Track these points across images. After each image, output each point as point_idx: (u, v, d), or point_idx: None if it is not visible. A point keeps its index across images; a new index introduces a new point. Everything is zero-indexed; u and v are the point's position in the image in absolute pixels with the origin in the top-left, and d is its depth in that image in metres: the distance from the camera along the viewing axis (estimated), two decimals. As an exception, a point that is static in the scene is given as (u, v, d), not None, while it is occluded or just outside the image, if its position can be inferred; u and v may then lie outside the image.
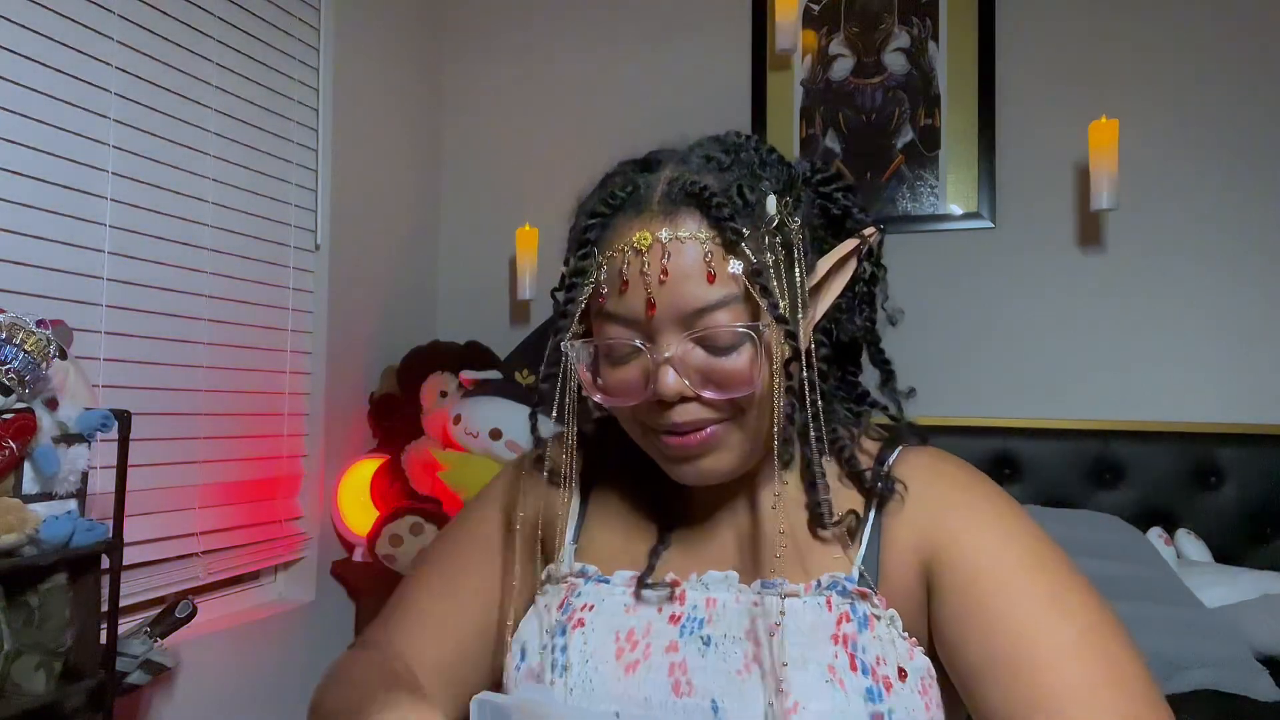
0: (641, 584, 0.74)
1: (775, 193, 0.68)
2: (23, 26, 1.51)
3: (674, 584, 0.73)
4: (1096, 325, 2.20)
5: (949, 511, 0.70)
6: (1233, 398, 2.09)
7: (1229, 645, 1.60)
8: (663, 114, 2.54)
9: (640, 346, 0.67)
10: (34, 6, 1.53)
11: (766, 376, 0.67)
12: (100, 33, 1.64)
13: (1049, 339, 2.23)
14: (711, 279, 0.65)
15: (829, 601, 0.68)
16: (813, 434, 0.69)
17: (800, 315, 0.68)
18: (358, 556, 2.25)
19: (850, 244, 0.74)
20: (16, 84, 1.50)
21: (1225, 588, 1.76)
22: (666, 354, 0.66)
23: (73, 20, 1.59)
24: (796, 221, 0.68)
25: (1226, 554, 1.95)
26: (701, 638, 0.70)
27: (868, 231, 0.75)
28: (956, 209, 2.31)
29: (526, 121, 2.71)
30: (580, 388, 0.73)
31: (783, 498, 0.74)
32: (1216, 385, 2.11)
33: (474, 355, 2.40)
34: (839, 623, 0.67)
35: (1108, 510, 1.98)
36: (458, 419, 2.17)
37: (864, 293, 0.78)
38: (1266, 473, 1.98)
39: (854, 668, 0.65)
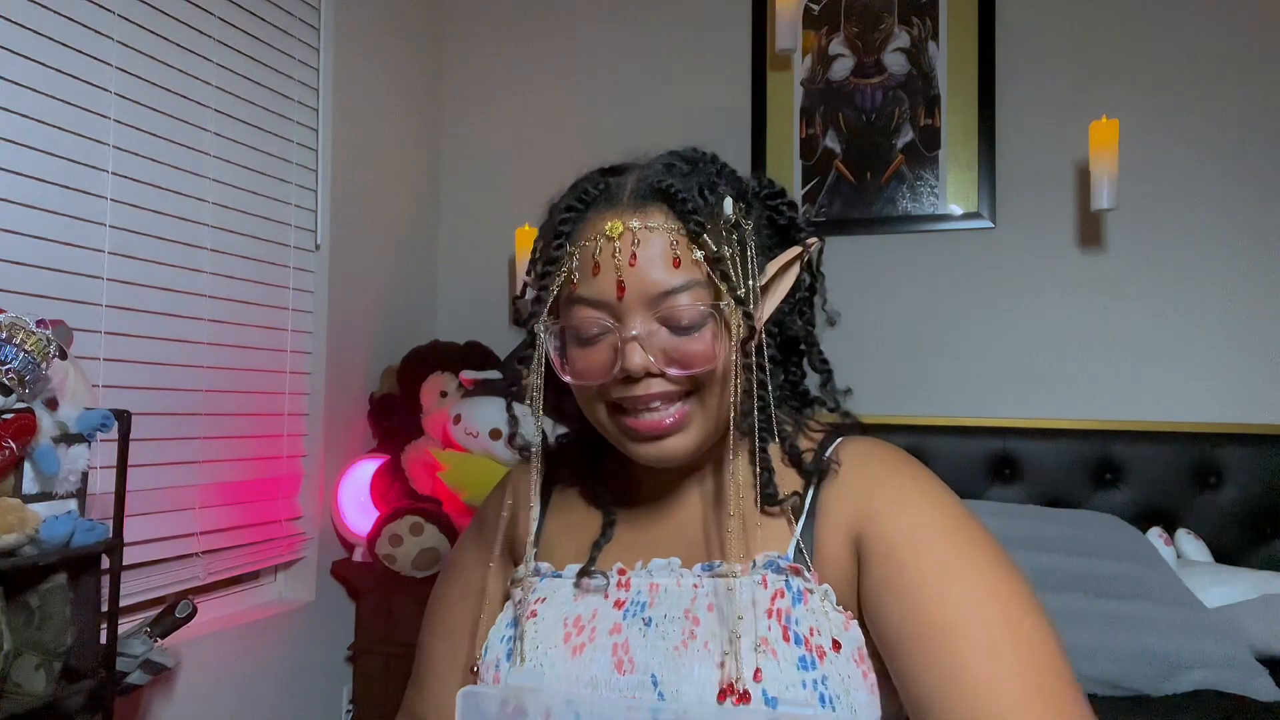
0: (582, 575, 0.80)
1: (730, 197, 0.75)
2: (23, 26, 1.51)
3: (621, 572, 0.80)
4: (1096, 325, 2.20)
5: (877, 488, 0.75)
6: (1233, 398, 2.09)
7: (1229, 645, 1.60)
8: (663, 114, 2.54)
9: (609, 326, 0.74)
10: (34, 6, 1.52)
11: (725, 354, 0.73)
12: (100, 33, 1.64)
13: (1049, 339, 2.23)
14: (677, 264, 0.73)
15: (764, 579, 0.73)
16: (757, 412, 0.75)
17: (753, 305, 0.74)
18: (358, 556, 2.25)
19: (794, 250, 0.81)
20: (16, 84, 1.50)
21: (1225, 588, 1.76)
22: (634, 332, 0.73)
23: (73, 20, 1.59)
24: (749, 224, 0.76)
25: (1226, 554, 1.95)
26: (643, 619, 0.75)
27: (810, 241, 0.82)
28: (956, 209, 2.31)
29: (526, 122, 2.71)
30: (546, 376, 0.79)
31: (732, 480, 0.78)
32: (1216, 385, 2.11)
33: (474, 355, 2.40)
34: (774, 598, 0.72)
35: (1108, 510, 1.98)
36: (458, 419, 2.17)
37: (804, 298, 0.85)
38: (1266, 473, 1.98)
39: (786, 638, 0.70)
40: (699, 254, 0.73)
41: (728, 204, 0.74)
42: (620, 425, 0.77)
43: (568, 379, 0.77)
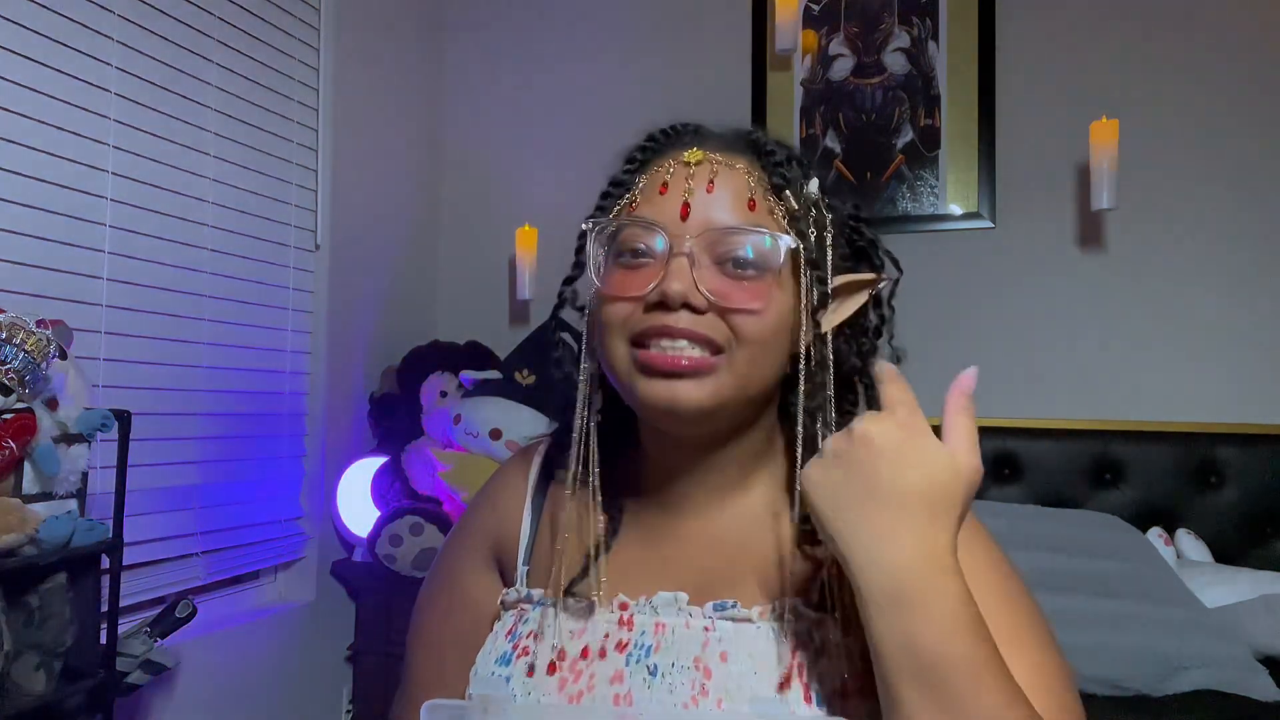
0: (566, 593, 0.72)
1: (818, 180, 0.71)
2: (23, 26, 1.51)
3: (623, 607, 0.71)
4: (1096, 325, 2.20)
5: None
6: (1233, 398, 2.09)
7: (1229, 645, 1.60)
8: (663, 114, 2.50)
9: (657, 248, 0.67)
10: (34, 6, 1.52)
11: (777, 311, 0.67)
12: (100, 33, 1.64)
13: (1049, 339, 2.23)
14: (752, 206, 0.68)
15: (784, 629, 0.67)
16: (803, 411, 0.68)
17: (828, 278, 0.69)
18: (358, 556, 2.25)
19: (868, 275, 0.73)
20: (16, 84, 1.50)
21: (1225, 588, 1.76)
22: (686, 250, 0.66)
23: (73, 20, 1.59)
24: (829, 216, 0.70)
25: (1226, 554, 1.95)
26: (648, 667, 0.67)
27: (885, 274, 0.75)
28: (956, 209, 2.31)
29: (526, 121, 2.71)
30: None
31: (752, 512, 0.73)
32: (1216, 385, 2.11)
33: (474, 355, 2.40)
34: (794, 652, 0.66)
35: (1108, 510, 1.98)
36: (458, 419, 2.17)
37: (869, 329, 0.76)
38: (1266, 473, 1.98)
39: (807, 699, 0.64)
40: (777, 205, 0.68)
41: (814, 183, 0.70)
42: (635, 359, 0.68)
43: (600, 291, 0.70)
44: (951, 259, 2.30)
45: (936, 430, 0.63)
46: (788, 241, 0.67)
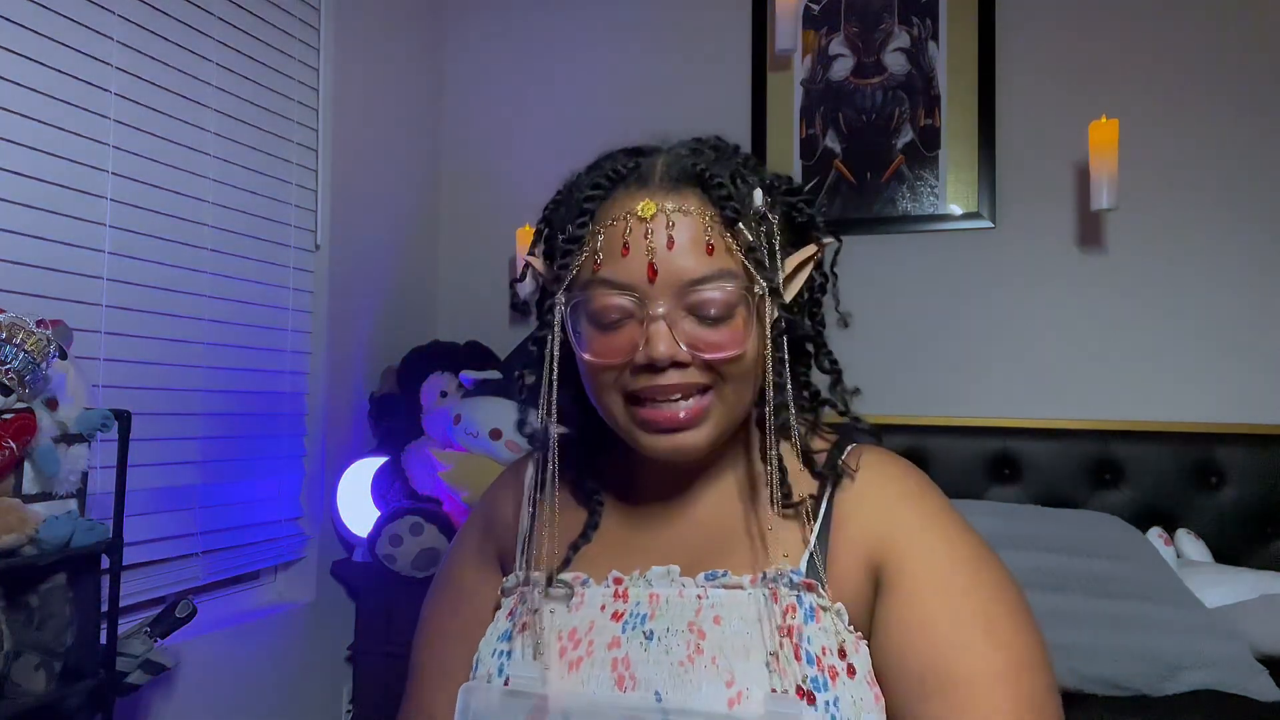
0: (550, 581, 0.76)
1: (760, 188, 0.73)
2: (23, 26, 1.51)
3: (617, 581, 0.75)
4: (1096, 325, 2.20)
5: (900, 517, 0.73)
6: (1233, 398, 2.09)
7: (1229, 645, 1.60)
8: (663, 114, 2.52)
9: (633, 310, 0.71)
10: (34, 6, 1.52)
11: (754, 345, 0.71)
12: (100, 33, 1.64)
13: (1049, 339, 2.23)
14: (710, 251, 0.70)
15: (775, 593, 0.70)
16: (772, 408, 0.72)
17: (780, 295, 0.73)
18: (358, 556, 2.25)
19: (810, 249, 0.78)
20: (17, 84, 1.50)
21: (1225, 588, 1.76)
22: (660, 311, 0.70)
23: (73, 20, 1.59)
24: (775, 216, 0.74)
25: (1226, 554, 1.95)
26: (644, 632, 0.71)
27: (827, 240, 0.80)
28: (956, 209, 2.31)
29: (526, 122, 2.71)
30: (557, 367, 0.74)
31: (731, 488, 0.77)
32: (1216, 385, 2.11)
33: (474, 355, 2.40)
34: (785, 614, 0.69)
35: (1108, 510, 1.98)
36: (458, 419, 2.17)
37: (816, 298, 0.82)
38: (1266, 473, 1.98)
39: (798, 657, 0.67)
40: (733, 242, 0.70)
41: (758, 195, 0.72)
42: (634, 416, 0.73)
43: (587, 357, 0.73)
44: (951, 259, 2.31)
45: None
46: (749, 291, 0.71)
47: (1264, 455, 1.99)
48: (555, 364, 0.74)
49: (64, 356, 1.30)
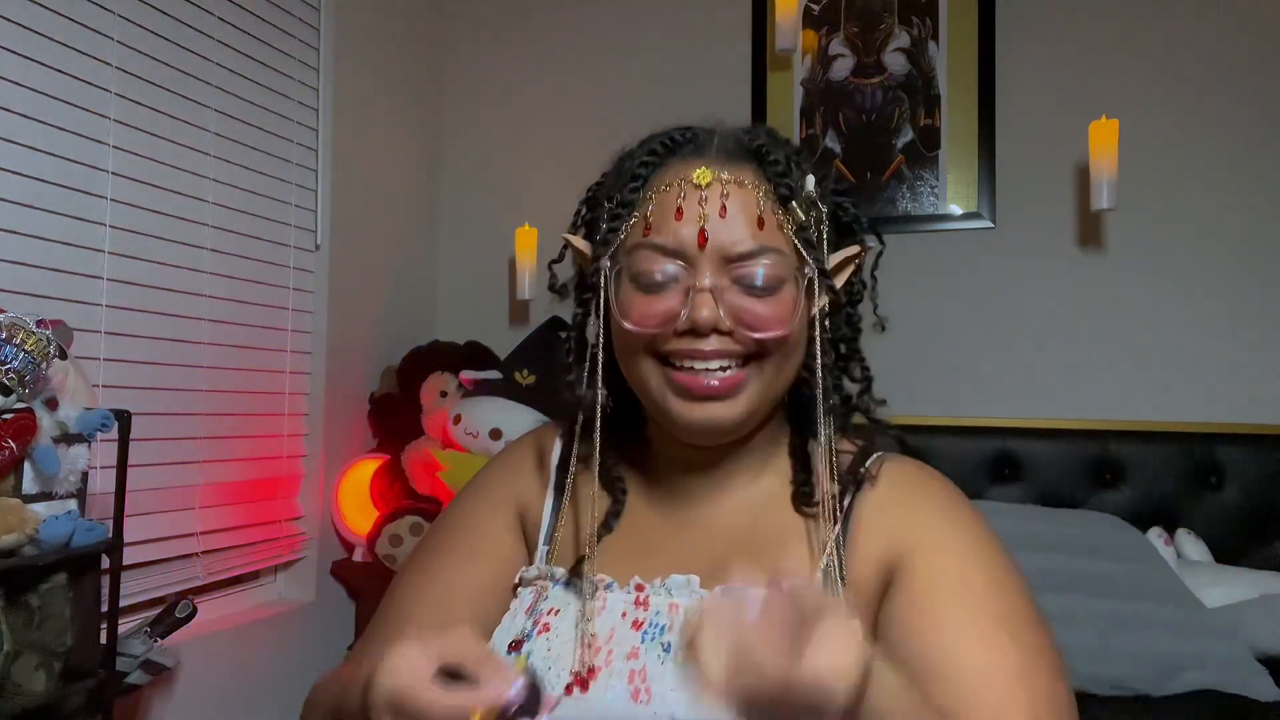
0: (572, 574, 0.75)
1: (812, 175, 0.73)
2: (23, 26, 1.51)
3: (639, 588, 0.74)
4: (1096, 325, 2.20)
5: (922, 519, 0.73)
6: (1233, 398, 2.09)
7: (1229, 645, 1.60)
8: (663, 114, 2.51)
9: (679, 275, 0.70)
10: (34, 6, 1.52)
11: (799, 327, 0.71)
12: (100, 33, 1.64)
13: (1049, 339, 2.23)
14: (761, 225, 0.70)
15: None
16: (819, 391, 0.72)
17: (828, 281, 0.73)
18: (358, 556, 2.25)
19: (854, 249, 0.78)
20: (16, 84, 1.50)
21: (1225, 588, 1.76)
22: (707, 282, 0.69)
23: (73, 20, 1.59)
24: (825, 207, 0.74)
25: (1226, 554, 1.95)
26: (662, 644, 0.70)
27: (870, 244, 0.80)
28: (956, 209, 2.31)
29: (526, 122, 2.70)
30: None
31: (757, 484, 0.77)
32: (1216, 385, 2.11)
33: (474, 355, 2.40)
34: None
35: (1108, 510, 1.98)
36: (458, 419, 2.17)
37: (855, 300, 0.82)
38: (1266, 473, 1.98)
39: None
40: (785, 219, 0.71)
41: (810, 180, 0.72)
42: (668, 380, 0.72)
43: (627, 324, 0.72)
44: (951, 259, 2.30)
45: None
46: (800, 269, 0.71)
47: (1264, 455, 1.99)
48: (601, 331, 0.74)
49: (64, 356, 1.30)
